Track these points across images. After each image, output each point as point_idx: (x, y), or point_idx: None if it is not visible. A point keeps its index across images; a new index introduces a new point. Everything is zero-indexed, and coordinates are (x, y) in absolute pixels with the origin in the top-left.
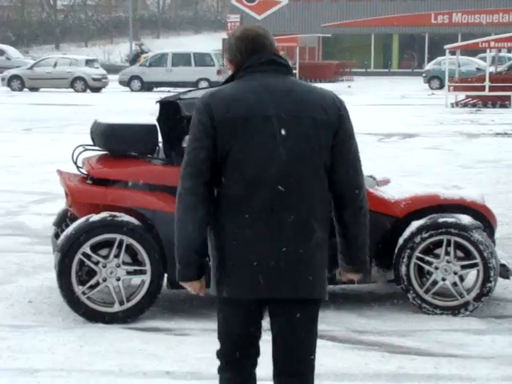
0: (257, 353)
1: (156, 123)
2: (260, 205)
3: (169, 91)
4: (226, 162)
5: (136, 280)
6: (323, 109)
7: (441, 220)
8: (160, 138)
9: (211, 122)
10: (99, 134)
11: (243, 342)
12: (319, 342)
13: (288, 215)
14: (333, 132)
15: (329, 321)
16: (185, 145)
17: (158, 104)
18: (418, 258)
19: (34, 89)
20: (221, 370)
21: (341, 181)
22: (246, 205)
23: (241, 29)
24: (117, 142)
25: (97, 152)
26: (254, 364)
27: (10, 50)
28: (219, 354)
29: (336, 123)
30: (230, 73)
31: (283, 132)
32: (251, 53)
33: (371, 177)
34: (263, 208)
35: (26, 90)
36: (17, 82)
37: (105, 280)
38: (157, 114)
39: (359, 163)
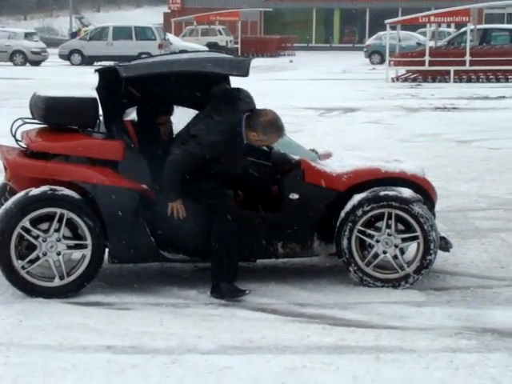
0: None
1: (96, 96)
2: None
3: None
4: None
5: (77, 254)
6: None
7: (382, 193)
8: (100, 112)
9: None
10: (38, 107)
11: None
12: (261, 315)
13: None
14: None
15: (271, 294)
16: (126, 118)
17: (97, 73)
18: (360, 231)
19: None
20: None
21: None
22: None
23: None
24: (57, 114)
25: (36, 125)
26: None
27: None
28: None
29: None
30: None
31: None
32: None
33: (313, 150)
34: None
35: None
36: None
37: (45, 254)
38: (96, 84)
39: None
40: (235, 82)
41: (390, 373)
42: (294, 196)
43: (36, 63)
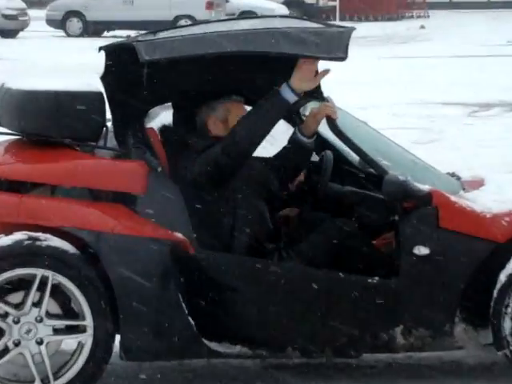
0: None
1: (102, 88)
2: None
3: (128, 36)
4: None
5: (70, 343)
6: None
7: None
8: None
9: None
10: (10, 108)
11: None
12: None
13: None
14: None
15: None
16: (149, 125)
17: (104, 52)
18: None
19: None
20: None
21: None
22: None
23: None
24: (37, 119)
25: (6, 137)
26: None
27: None
28: None
29: None
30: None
31: None
32: None
33: (453, 175)
34: None
35: None
36: None
37: (18, 344)
38: (102, 69)
39: None
40: (322, 64)
41: None
42: (422, 250)
43: (10, 34)
